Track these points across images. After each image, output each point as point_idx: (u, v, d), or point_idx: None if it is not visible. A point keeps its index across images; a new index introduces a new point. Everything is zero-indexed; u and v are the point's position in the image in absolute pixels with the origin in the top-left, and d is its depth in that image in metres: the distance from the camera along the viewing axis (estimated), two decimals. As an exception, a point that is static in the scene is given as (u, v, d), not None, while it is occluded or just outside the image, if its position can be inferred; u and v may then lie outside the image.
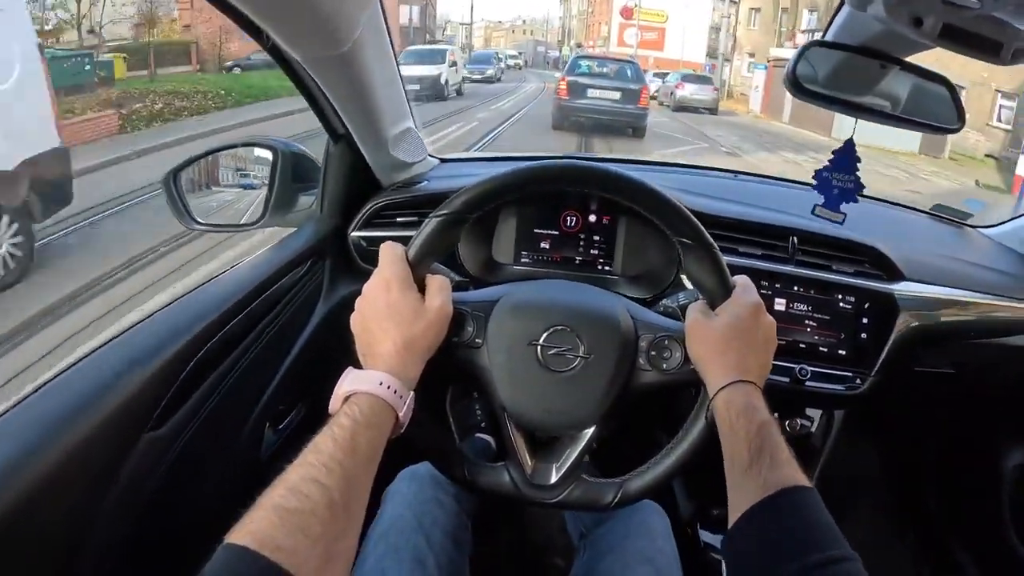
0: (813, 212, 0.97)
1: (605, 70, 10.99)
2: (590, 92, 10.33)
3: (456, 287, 0.72)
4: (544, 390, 0.68)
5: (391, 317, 0.61)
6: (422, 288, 0.65)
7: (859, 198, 0.93)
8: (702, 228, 0.66)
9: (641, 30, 37.57)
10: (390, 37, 0.92)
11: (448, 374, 0.71)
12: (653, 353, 0.69)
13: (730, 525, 0.54)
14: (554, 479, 0.69)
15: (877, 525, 1.55)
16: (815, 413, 1.14)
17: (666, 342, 0.69)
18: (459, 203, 0.66)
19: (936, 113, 0.90)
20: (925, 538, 1.51)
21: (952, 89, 0.89)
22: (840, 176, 0.92)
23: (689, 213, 0.66)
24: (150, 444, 0.73)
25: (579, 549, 0.87)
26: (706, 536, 1.18)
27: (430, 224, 0.66)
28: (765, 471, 0.54)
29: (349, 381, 0.58)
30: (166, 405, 0.75)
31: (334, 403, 0.57)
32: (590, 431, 0.69)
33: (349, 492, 0.50)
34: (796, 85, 0.77)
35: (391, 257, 0.64)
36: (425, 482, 0.85)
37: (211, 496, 0.87)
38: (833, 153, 0.94)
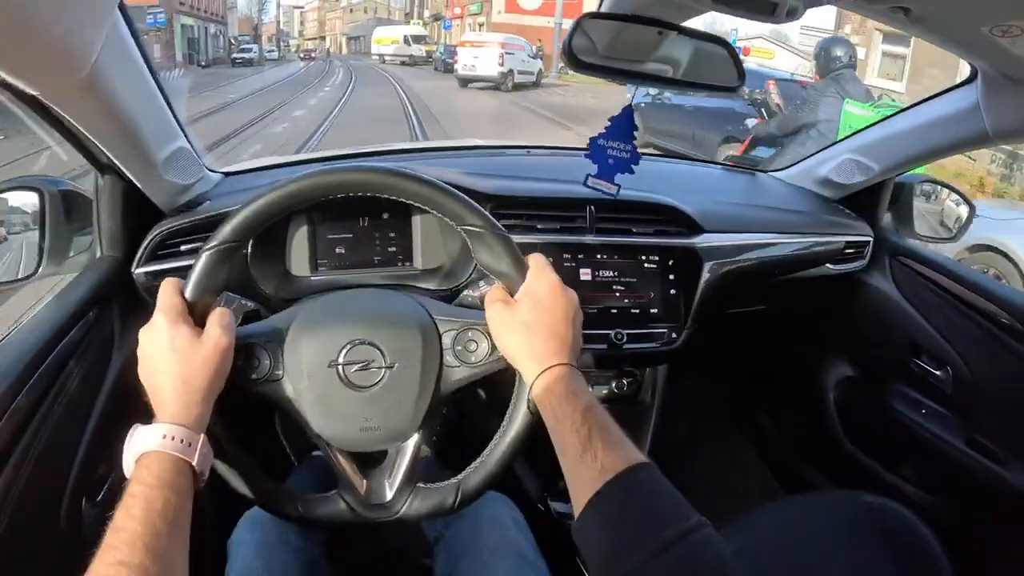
0: (585, 183, 0.98)
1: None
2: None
3: (247, 317, 0.68)
4: (355, 410, 0.66)
5: (164, 355, 0.59)
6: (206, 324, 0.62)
7: (651, 158, 0.94)
8: (486, 214, 0.65)
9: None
10: (141, 49, 0.80)
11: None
12: (459, 347, 0.68)
13: (575, 515, 0.53)
14: (390, 495, 0.68)
15: (723, 457, 1.69)
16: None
17: (469, 334, 0.68)
18: (226, 232, 0.62)
19: (718, 74, 0.94)
20: (770, 460, 1.67)
21: (731, 49, 0.93)
22: (616, 145, 0.92)
23: (471, 201, 0.65)
24: None
25: (436, 554, 0.85)
26: (557, 506, 1.19)
27: (201, 258, 0.63)
28: (600, 456, 0.53)
29: (134, 441, 0.56)
30: None
31: (127, 468, 0.55)
32: (413, 439, 0.68)
33: (160, 564, 0.48)
34: (573, 59, 0.77)
35: (166, 293, 0.62)
36: (267, 525, 0.80)
37: None
38: (610, 120, 0.93)
